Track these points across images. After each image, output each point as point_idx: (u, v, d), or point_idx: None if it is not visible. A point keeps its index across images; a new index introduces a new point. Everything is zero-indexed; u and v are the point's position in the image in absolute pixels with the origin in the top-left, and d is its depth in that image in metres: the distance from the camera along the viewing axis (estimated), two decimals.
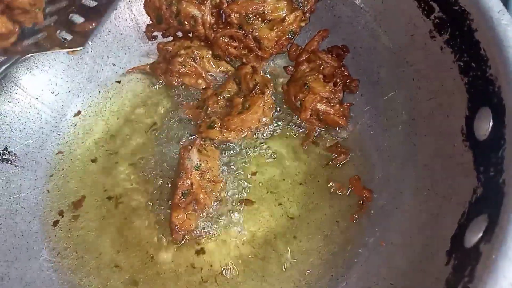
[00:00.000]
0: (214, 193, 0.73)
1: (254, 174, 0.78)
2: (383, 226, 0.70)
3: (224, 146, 0.78)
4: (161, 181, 0.78)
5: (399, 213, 0.69)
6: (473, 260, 0.47)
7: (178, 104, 0.84)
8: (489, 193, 0.51)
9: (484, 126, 0.55)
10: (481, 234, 0.48)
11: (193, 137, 0.79)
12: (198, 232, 0.73)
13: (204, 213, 0.73)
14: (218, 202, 0.74)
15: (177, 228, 0.70)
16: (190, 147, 0.72)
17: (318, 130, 0.80)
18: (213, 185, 0.73)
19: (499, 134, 0.51)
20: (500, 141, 0.51)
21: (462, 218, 0.55)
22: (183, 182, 0.70)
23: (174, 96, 0.85)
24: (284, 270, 0.71)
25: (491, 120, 0.53)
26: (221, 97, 0.80)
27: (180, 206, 0.70)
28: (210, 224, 0.73)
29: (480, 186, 0.53)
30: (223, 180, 0.75)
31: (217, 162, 0.75)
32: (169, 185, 0.77)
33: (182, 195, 0.70)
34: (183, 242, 0.72)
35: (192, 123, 0.82)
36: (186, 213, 0.71)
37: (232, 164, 0.78)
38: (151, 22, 0.86)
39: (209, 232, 0.73)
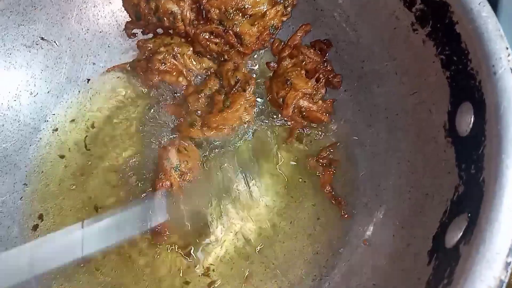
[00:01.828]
0: None
1: (236, 172, 0.76)
2: (366, 225, 0.69)
3: (205, 145, 0.77)
4: (142, 183, 0.76)
5: (382, 211, 0.67)
6: (452, 262, 0.46)
7: (159, 102, 0.82)
8: (469, 192, 0.50)
9: (466, 121, 0.53)
10: (461, 234, 0.47)
11: (173, 137, 0.77)
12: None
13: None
14: None
15: (158, 230, 0.69)
16: (169, 148, 0.70)
17: (302, 127, 0.78)
18: None
19: (480, 130, 0.49)
20: (481, 138, 0.49)
21: (444, 216, 0.54)
22: (162, 184, 0.68)
23: (154, 94, 0.83)
24: (267, 270, 0.70)
25: (473, 116, 0.52)
26: (202, 94, 0.78)
27: None
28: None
29: (461, 184, 0.52)
30: None
31: (198, 162, 0.73)
32: (150, 187, 0.75)
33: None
34: (164, 243, 0.71)
35: (172, 122, 0.80)
36: None
37: (213, 164, 0.76)
38: (130, 19, 0.84)
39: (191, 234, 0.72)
